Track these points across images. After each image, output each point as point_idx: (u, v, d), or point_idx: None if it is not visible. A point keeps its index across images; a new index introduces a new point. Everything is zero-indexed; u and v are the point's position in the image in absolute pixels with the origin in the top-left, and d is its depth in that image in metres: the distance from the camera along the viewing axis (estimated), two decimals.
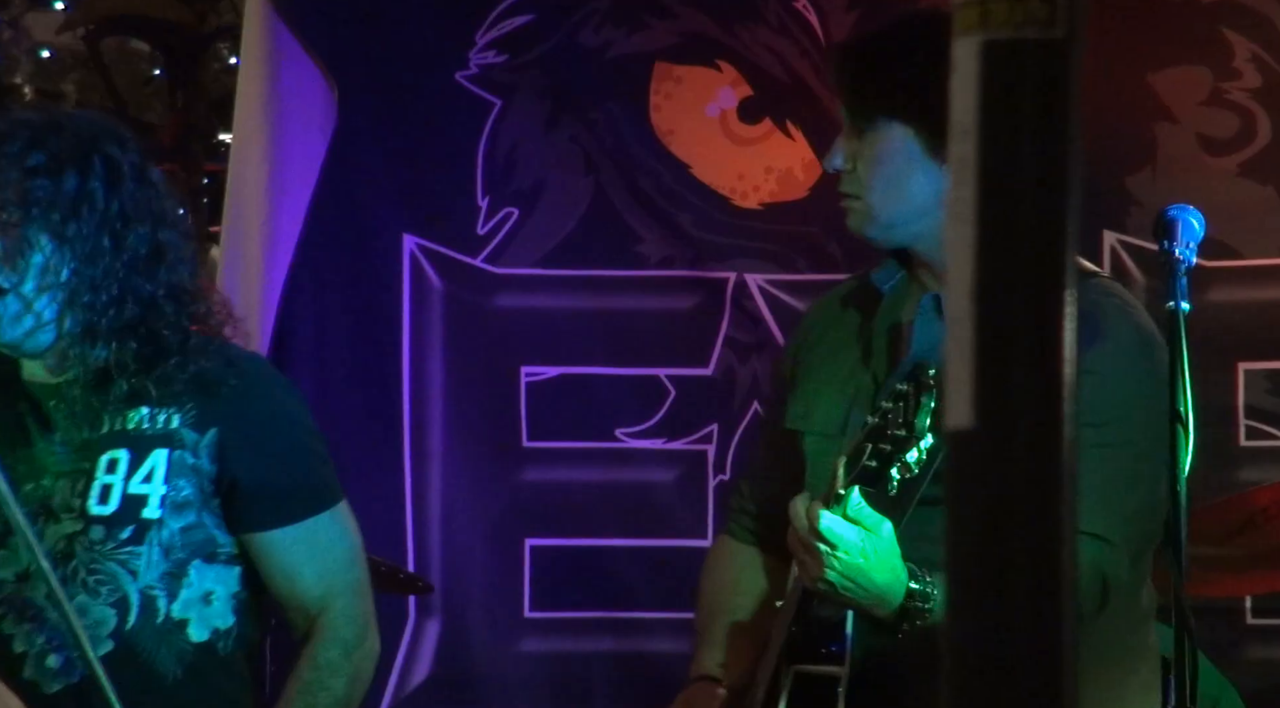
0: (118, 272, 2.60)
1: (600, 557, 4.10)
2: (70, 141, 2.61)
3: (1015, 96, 0.93)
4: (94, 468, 2.62)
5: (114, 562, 2.61)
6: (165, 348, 2.62)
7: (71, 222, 2.59)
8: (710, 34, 4.08)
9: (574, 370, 4.10)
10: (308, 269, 4.04)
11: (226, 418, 2.64)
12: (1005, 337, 0.91)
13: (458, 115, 4.08)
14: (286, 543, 2.66)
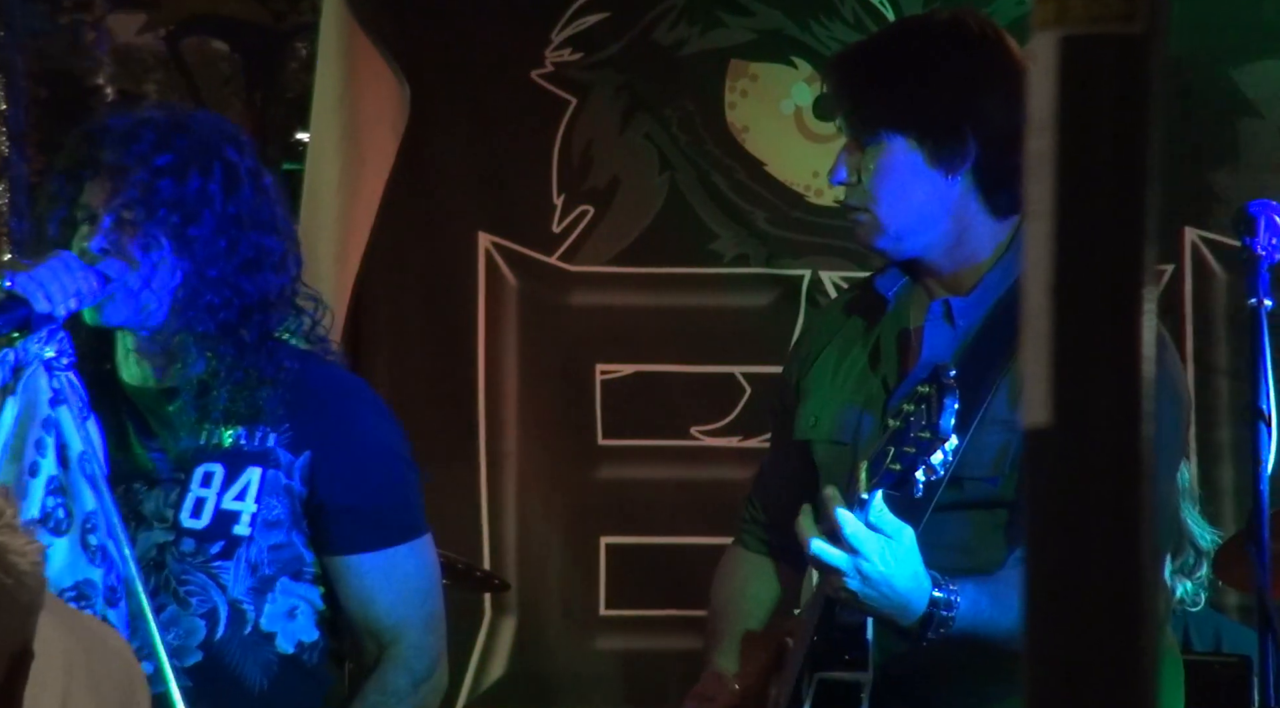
0: (229, 276, 2.62)
1: (675, 555, 4.10)
2: (195, 144, 2.63)
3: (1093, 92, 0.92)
4: (189, 480, 2.63)
5: (204, 574, 2.63)
6: (260, 358, 2.64)
7: (192, 224, 2.60)
8: (785, 30, 4.07)
9: (648, 368, 4.10)
10: (381, 268, 4.06)
11: (322, 442, 2.65)
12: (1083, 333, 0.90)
13: (533, 113, 4.09)
14: (366, 569, 2.67)
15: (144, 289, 2.60)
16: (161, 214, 2.59)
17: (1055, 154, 0.92)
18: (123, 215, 2.60)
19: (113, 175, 2.60)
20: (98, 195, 2.62)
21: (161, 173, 2.59)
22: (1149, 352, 0.90)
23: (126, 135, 2.62)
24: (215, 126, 2.71)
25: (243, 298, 2.62)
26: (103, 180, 2.61)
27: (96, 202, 2.62)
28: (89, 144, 2.64)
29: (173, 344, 2.63)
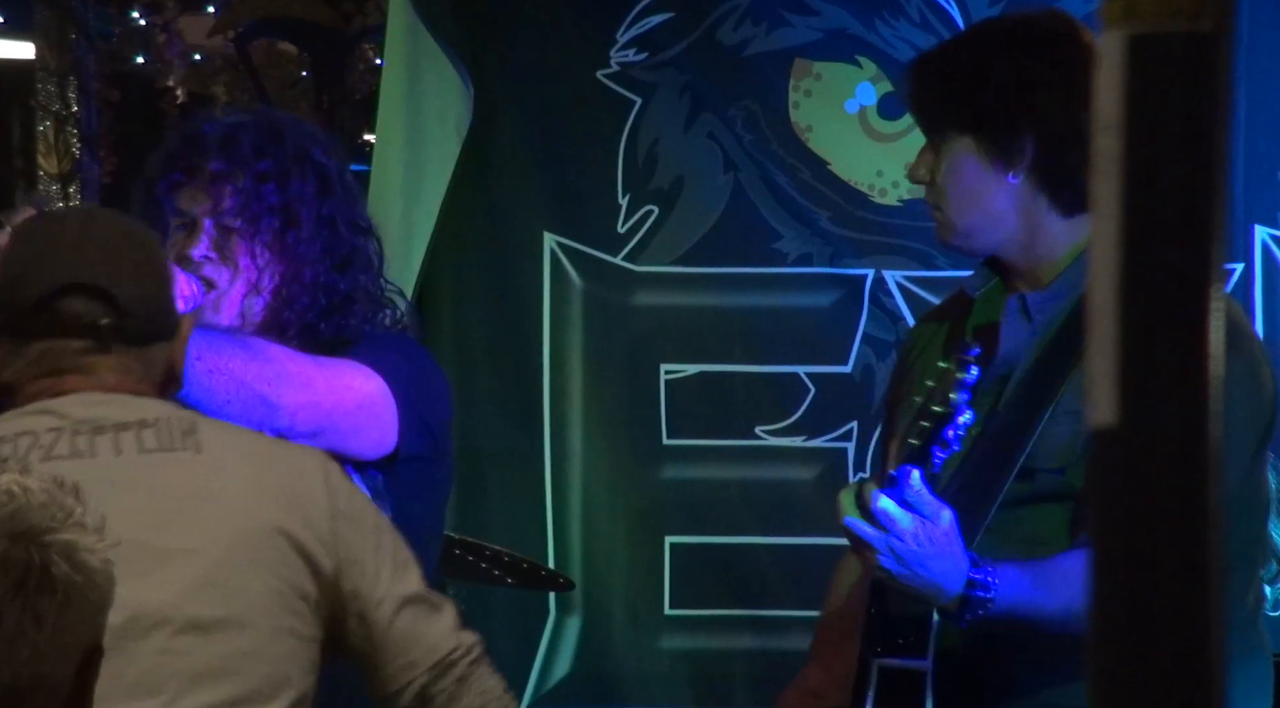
0: (322, 277, 2.64)
1: (740, 554, 4.10)
2: (291, 149, 2.65)
3: (1161, 90, 0.91)
4: None
5: None
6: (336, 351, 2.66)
7: (290, 229, 2.62)
8: (851, 30, 4.06)
9: (713, 368, 4.10)
10: (446, 269, 4.07)
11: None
12: (1150, 332, 0.90)
13: (598, 113, 4.10)
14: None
15: (246, 295, 2.62)
16: (264, 220, 2.61)
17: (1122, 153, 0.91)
18: (225, 222, 2.62)
19: (213, 181, 2.62)
20: (197, 202, 2.64)
21: (264, 178, 2.62)
22: (1216, 351, 0.90)
23: (224, 141, 2.64)
24: (304, 130, 2.73)
25: (331, 297, 2.65)
26: (202, 186, 2.63)
27: (195, 208, 2.64)
28: (184, 150, 2.66)
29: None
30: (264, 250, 2.62)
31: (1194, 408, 0.89)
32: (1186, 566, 0.89)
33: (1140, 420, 0.90)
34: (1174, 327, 0.90)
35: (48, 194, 6.37)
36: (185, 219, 2.65)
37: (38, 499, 1.70)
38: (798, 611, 4.07)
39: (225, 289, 2.63)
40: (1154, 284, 0.90)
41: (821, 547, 4.05)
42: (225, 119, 2.72)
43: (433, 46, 4.04)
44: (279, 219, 2.63)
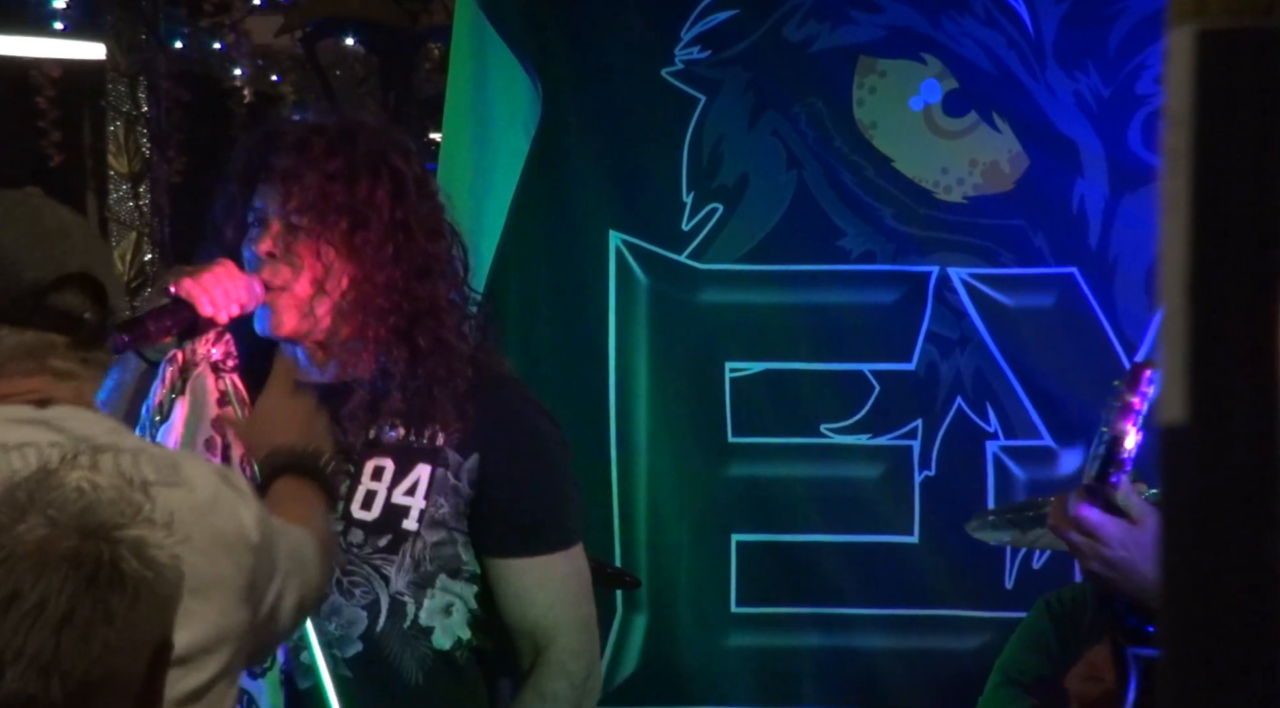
0: (397, 282, 2.65)
1: (806, 552, 4.09)
2: (364, 151, 2.67)
3: (1231, 86, 0.91)
4: (359, 473, 2.67)
5: (369, 566, 2.67)
6: (435, 362, 2.67)
7: (359, 231, 2.64)
8: (916, 27, 4.04)
9: (777, 366, 4.09)
10: (513, 267, 4.08)
11: (492, 446, 2.69)
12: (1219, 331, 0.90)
13: (663, 111, 4.10)
14: (525, 572, 2.71)
15: (311, 295, 2.63)
16: (331, 220, 2.63)
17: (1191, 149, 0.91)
18: (292, 220, 2.64)
19: (285, 180, 2.64)
20: (269, 199, 2.66)
21: (333, 179, 2.63)
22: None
23: (299, 141, 2.66)
24: (383, 134, 2.74)
25: (414, 303, 2.66)
26: (275, 184, 2.65)
27: (267, 204, 2.66)
28: (262, 148, 2.68)
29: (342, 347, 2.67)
30: (329, 250, 2.63)
31: (1264, 405, 0.89)
32: (1256, 561, 0.88)
33: (1210, 418, 0.89)
34: (1244, 324, 0.89)
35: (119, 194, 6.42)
36: (257, 215, 2.67)
37: (107, 496, 1.72)
38: (864, 608, 4.06)
39: (288, 286, 2.64)
40: (1224, 281, 0.90)
41: (887, 545, 4.05)
42: (307, 118, 2.74)
43: (499, 46, 4.05)
44: (347, 220, 2.64)
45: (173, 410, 2.57)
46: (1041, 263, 4.00)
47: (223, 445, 2.57)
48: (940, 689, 4.01)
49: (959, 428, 4.03)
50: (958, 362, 4.03)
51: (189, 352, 2.59)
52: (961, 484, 4.02)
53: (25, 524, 1.68)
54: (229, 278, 2.59)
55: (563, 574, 2.74)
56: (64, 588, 1.66)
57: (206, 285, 2.57)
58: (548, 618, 2.72)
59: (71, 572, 1.67)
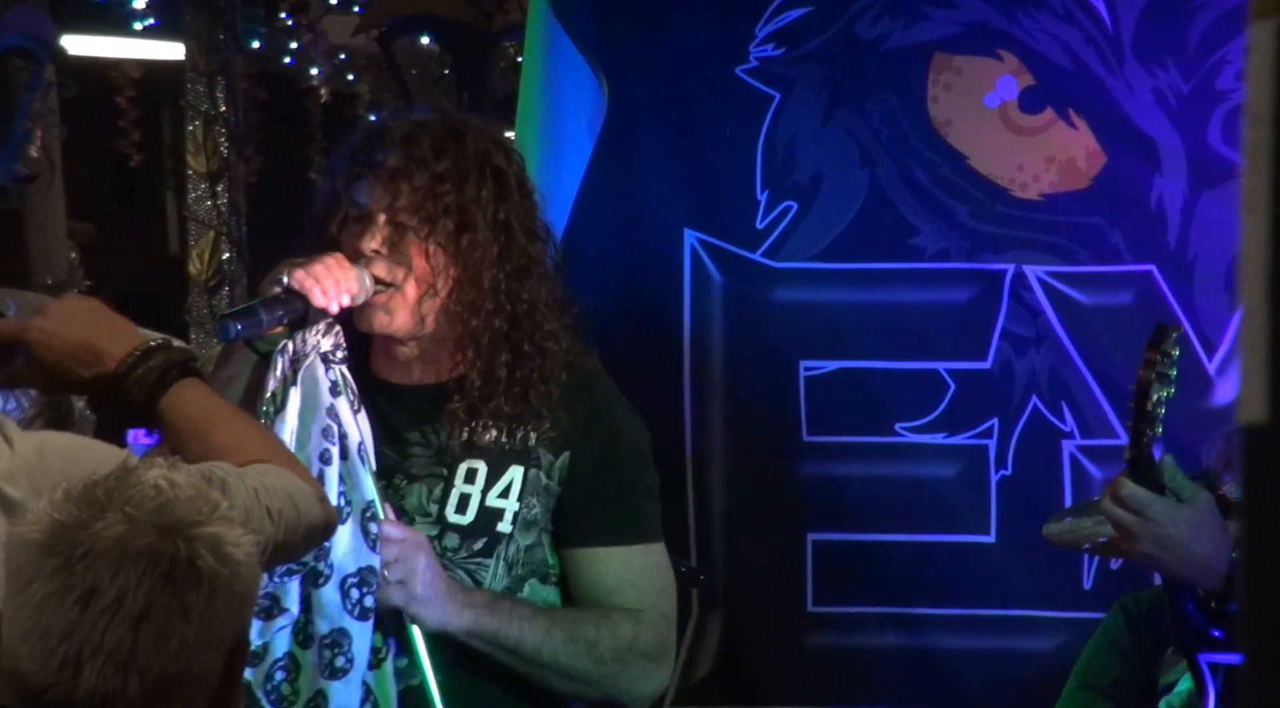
0: (499, 283, 2.66)
1: (882, 552, 4.07)
2: (470, 151, 2.68)
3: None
4: (452, 476, 2.68)
5: (463, 569, 2.68)
6: (533, 365, 2.68)
7: (467, 232, 2.65)
8: (992, 23, 4.02)
9: (852, 364, 4.07)
10: (585, 266, 4.08)
11: (580, 443, 2.70)
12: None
13: (737, 109, 4.09)
14: (613, 562, 2.72)
15: (419, 295, 2.65)
16: (439, 220, 2.64)
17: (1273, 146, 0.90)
18: (400, 219, 2.65)
19: (391, 178, 2.65)
20: (375, 197, 2.67)
21: (441, 179, 2.64)
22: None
23: (406, 139, 2.67)
24: (486, 133, 2.75)
25: (515, 304, 2.67)
26: (380, 182, 2.66)
27: (372, 202, 2.67)
28: (367, 145, 2.70)
29: (446, 348, 2.68)
30: (438, 251, 2.65)
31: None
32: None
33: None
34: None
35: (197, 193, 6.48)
36: (361, 212, 2.68)
37: (184, 493, 1.73)
38: (940, 608, 4.04)
39: (399, 287, 2.66)
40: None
41: (963, 544, 4.03)
42: (410, 116, 2.74)
43: (565, 44, 4.05)
44: (454, 220, 2.65)
45: (286, 401, 2.59)
46: (1119, 261, 3.97)
47: (339, 433, 2.58)
48: (1018, 690, 3.98)
49: (1035, 427, 4.00)
50: (1033, 360, 4.01)
51: (300, 342, 2.61)
52: (1038, 484, 3.99)
53: (104, 521, 1.70)
54: (339, 269, 2.61)
55: (646, 567, 2.75)
56: (141, 585, 1.68)
57: (318, 276, 2.59)
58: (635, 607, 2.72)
59: (149, 568, 1.68)
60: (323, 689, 2.56)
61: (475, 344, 2.66)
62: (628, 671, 2.71)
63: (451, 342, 2.67)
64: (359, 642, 2.56)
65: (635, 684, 2.73)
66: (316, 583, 2.56)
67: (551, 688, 2.69)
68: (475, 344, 2.66)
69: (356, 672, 2.56)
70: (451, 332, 2.67)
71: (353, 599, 2.56)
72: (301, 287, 2.57)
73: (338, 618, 2.55)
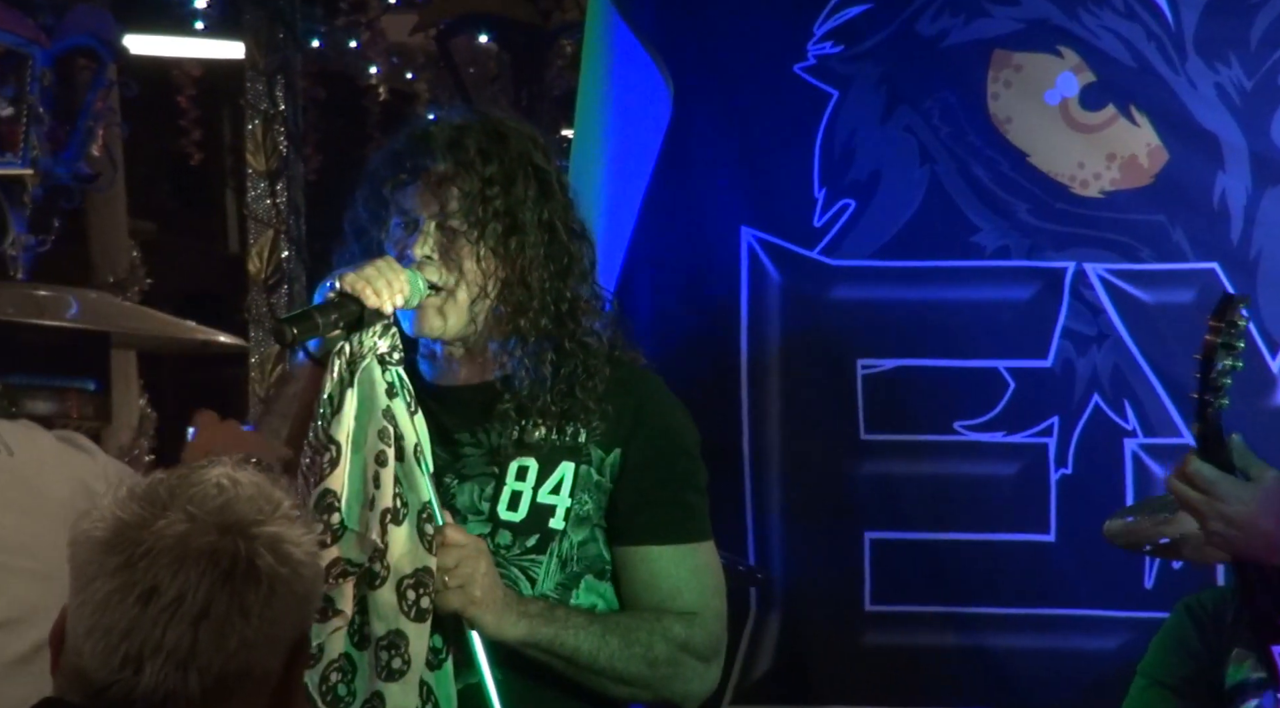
0: (545, 282, 2.67)
1: (941, 551, 4.06)
2: (514, 152, 2.68)
3: None
4: (503, 474, 2.69)
5: (516, 567, 2.68)
6: (576, 362, 2.69)
7: (513, 234, 2.66)
8: (1053, 20, 4.00)
9: (910, 363, 4.06)
10: (644, 264, 4.08)
11: (630, 439, 2.70)
12: None
13: (795, 107, 4.08)
14: (664, 561, 2.72)
15: (472, 299, 2.66)
16: (488, 225, 2.65)
17: None
18: (449, 223, 2.66)
19: (439, 183, 2.66)
20: (422, 203, 2.68)
21: (490, 183, 2.65)
22: None
23: (451, 143, 2.67)
24: (525, 133, 2.75)
25: (559, 303, 2.67)
26: (427, 187, 2.67)
27: (420, 208, 2.68)
28: (411, 149, 2.70)
29: (493, 348, 2.68)
30: (489, 255, 2.65)
31: None
32: None
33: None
34: None
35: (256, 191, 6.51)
36: (409, 218, 2.69)
37: (246, 492, 1.74)
38: (1000, 607, 4.02)
39: (451, 292, 2.66)
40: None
41: (1023, 543, 4.01)
42: (451, 120, 2.74)
43: (630, 41, 4.06)
44: (502, 223, 2.66)
45: (342, 403, 2.60)
46: (1181, 259, 3.95)
47: (395, 435, 2.59)
48: (1079, 690, 3.97)
49: (1097, 425, 3.99)
50: (1095, 358, 3.99)
51: (356, 344, 2.62)
52: (1099, 482, 3.98)
53: (165, 519, 1.71)
54: (390, 271, 2.62)
55: (699, 565, 2.75)
56: (201, 583, 1.68)
57: (369, 278, 2.60)
58: (690, 606, 2.72)
59: (209, 567, 1.69)
60: (380, 691, 2.57)
61: (522, 343, 2.66)
62: (681, 673, 2.71)
63: (497, 342, 2.68)
64: (416, 644, 2.56)
65: (689, 685, 2.74)
66: (373, 585, 2.56)
67: (607, 692, 2.69)
68: (522, 343, 2.66)
69: (413, 673, 2.56)
70: (498, 332, 2.67)
71: (409, 601, 2.56)
72: (354, 289, 2.58)
73: (394, 620, 2.56)
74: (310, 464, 2.60)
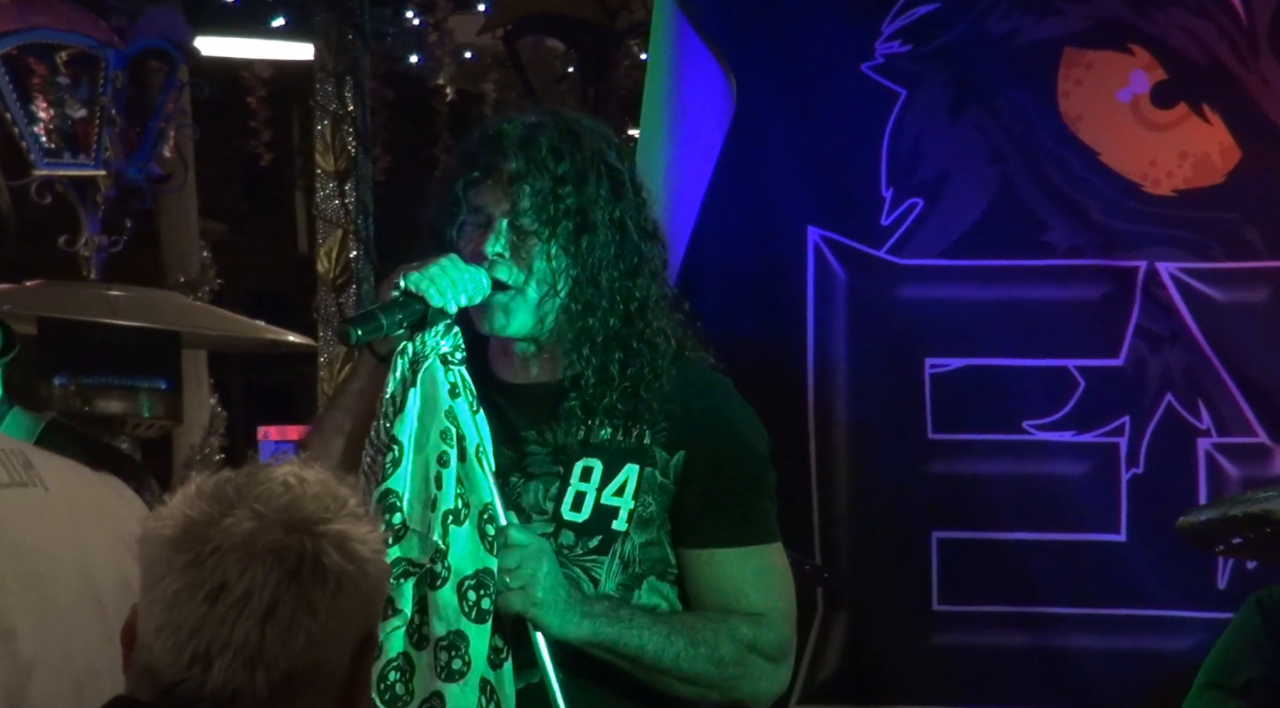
0: (614, 282, 2.67)
1: (1010, 551, 4.04)
2: (587, 151, 2.69)
3: None
4: (568, 474, 2.69)
5: (579, 567, 2.68)
6: (643, 362, 2.68)
7: (584, 234, 2.66)
8: (1123, 17, 3.98)
9: (979, 362, 4.04)
10: (709, 263, 4.08)
11: (695, 441, 2.69)
12: None
13: (862, 106, 4.07)
14: (730, 563, 2.71)
15: (540, 297, 2.66)
16: (560, 223, 2.65)
17: None
18: (520, 223, 2.66)
19: (511, 182, 2.66)
20: (494, 201, 2.68)
21: (562, 181, 2.65)
22: None
23: (523, 141, 2.67)
24: (599, 132, 2.75)
25: (629, 303, 2.67)
26: (500, 186, 2.67)
27: (492, 207, 2.68)
28: (484, 148, 2.70)
29: (562, 347, 2.69)
30: (559, 253, 2.65)
31: None
32: None
33: None
34: None
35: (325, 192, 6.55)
36: (481, 217, 2.69)
37: (313, 490, 1.75)
38: (1070, 608, 4.00)
39: (520, 290, 2.67)
40: None
41: (1093, 543, 3.98)
42: (524, 118, 2.75)
43: (693, 40, 4.05)
44: (574, 222, 2.66)
45: (405, 403, 2.61)
46: (1254, 257, 3.92)
47: (457, 435, 2.60)
48: (1151, 692, 3.94)
49: (1169, 425, 3.96)
50: (1168, 357, 3.96)
51: (419, 344, 2.63)
52: (1171, 482, 3.95)
53: (232, 517, 1.72)
54: (454, 269, 2.63)
55: (764, 568, 2.74)
56: (268, 581, 1.69)
57: (433, 277, 2.61)
58: (749, 608, 2.71)
59: (275, 565, 1.70)
60: (439, 691, 2.57)
61: (590, 342, 2.66)
62: (749, 673, 2.70)
63: (567, 340, 2.68)
64: (476, 644, 2.56)
65: (756, 686, 2.72)
66: (434, 585, 2.57)
67: (673, 692, 2.68)
68: (590, 342, 2.66)
69: (474, 674, 2.56)
70: (568, 330, 2.67)
71: (470, 602, 2.56)
72: (418, 289, 2.59)
73: (455, 620, 2.56)
74: (372, 463, 2.60)
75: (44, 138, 6.29)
